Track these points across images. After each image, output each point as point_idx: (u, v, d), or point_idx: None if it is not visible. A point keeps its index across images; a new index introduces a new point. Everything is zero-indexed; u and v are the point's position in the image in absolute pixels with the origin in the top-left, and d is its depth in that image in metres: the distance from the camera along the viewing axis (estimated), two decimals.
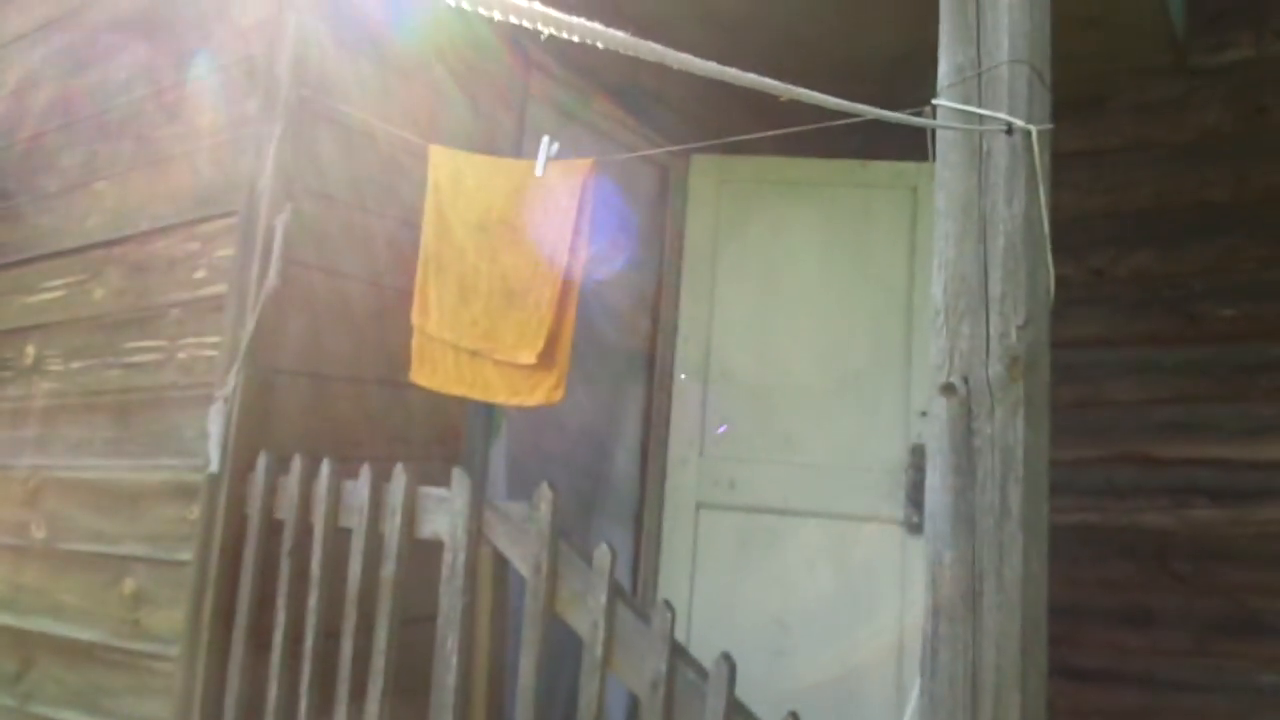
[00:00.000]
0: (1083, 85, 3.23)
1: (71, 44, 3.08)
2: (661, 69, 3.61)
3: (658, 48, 0.75)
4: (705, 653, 1.70)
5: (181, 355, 2.45)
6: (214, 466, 2.25)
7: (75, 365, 2.73)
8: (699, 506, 3.53)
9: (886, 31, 3.20)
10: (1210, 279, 3.21)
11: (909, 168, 3.55)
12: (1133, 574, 3.20)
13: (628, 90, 3.44)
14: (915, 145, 3.14)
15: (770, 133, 2.45)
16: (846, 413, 3.49)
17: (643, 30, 3.29)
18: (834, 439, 3.49)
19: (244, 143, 2.43)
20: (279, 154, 2.34)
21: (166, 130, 2.68)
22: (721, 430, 3.52)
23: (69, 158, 2.96)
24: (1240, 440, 3.08)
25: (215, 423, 2.27)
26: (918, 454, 3.40)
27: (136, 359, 2.57)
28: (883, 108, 2.83)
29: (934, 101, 1.65)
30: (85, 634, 2.47)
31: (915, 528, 3.36)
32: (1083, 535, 3.24)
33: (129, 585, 2.41)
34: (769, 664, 3.37)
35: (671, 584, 3.47)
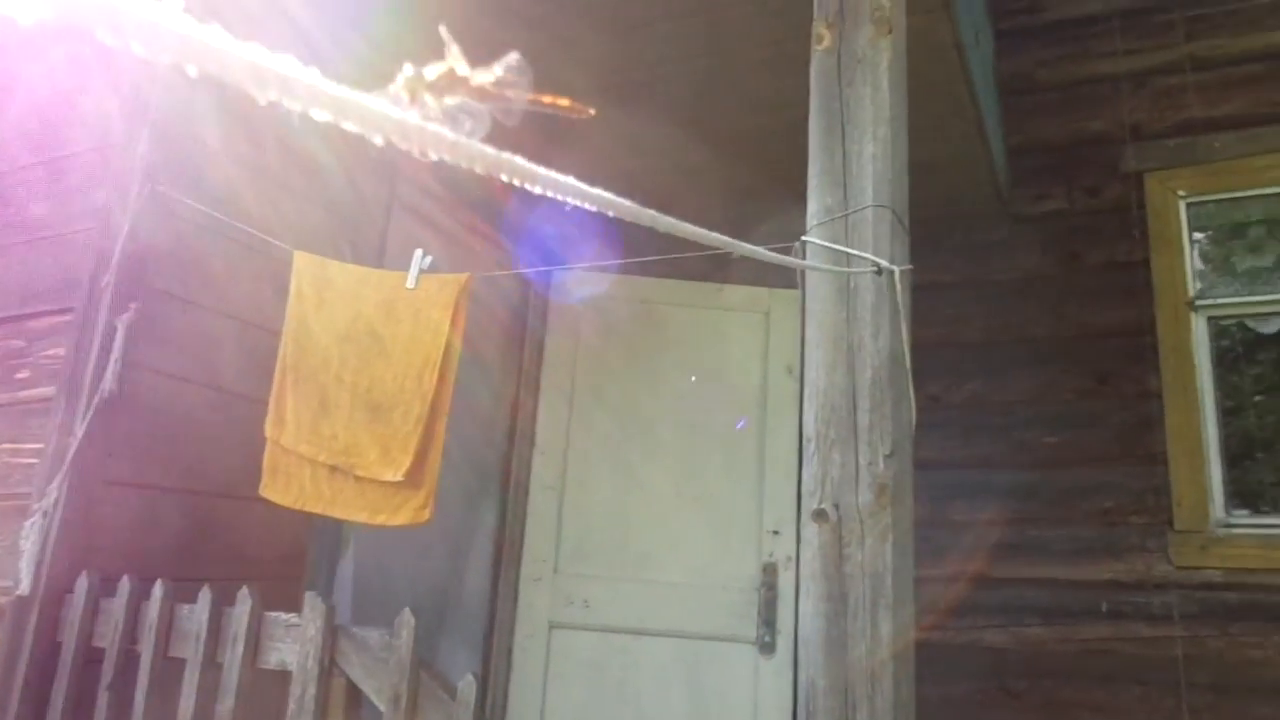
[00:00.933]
0: (920, 227, 3.48)
1: None
2: (522, 196, 3.66)
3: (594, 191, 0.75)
4: None
5: None
6: (24, 587, 2.03)
7: None
8: (552, 626, 3.44)
9: (732, 168, 3.36)
10: (1034, 407, 3.46)
11: (762, 293, 3.71)
12: (972, 692, 3.30)
13: (490, 204, 3.47)
14: (765, 270, 3.28)
15: (630, 260, 2.51)
16: (702, 531, 3.52)
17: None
18: (689, 557, 3.50)
19: (88, 236, 2.29)
20: (126, 250, 2.21)
21: (1, 219, 2.50)
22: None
23: None
24: (1065, 560, 3.27)
25: (30, 538, 2.06)
26: (770, 572, 3.44)
27: None
28: (731, 236, 2.95)
29: (804, 238, 1.74)
30: None
31: (768, 647, 3.38)
32: (927, 654, 3.32)
33: None
34: None
35: (522, 706, 3.34)
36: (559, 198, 1.02)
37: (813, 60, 1.82)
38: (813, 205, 1.74)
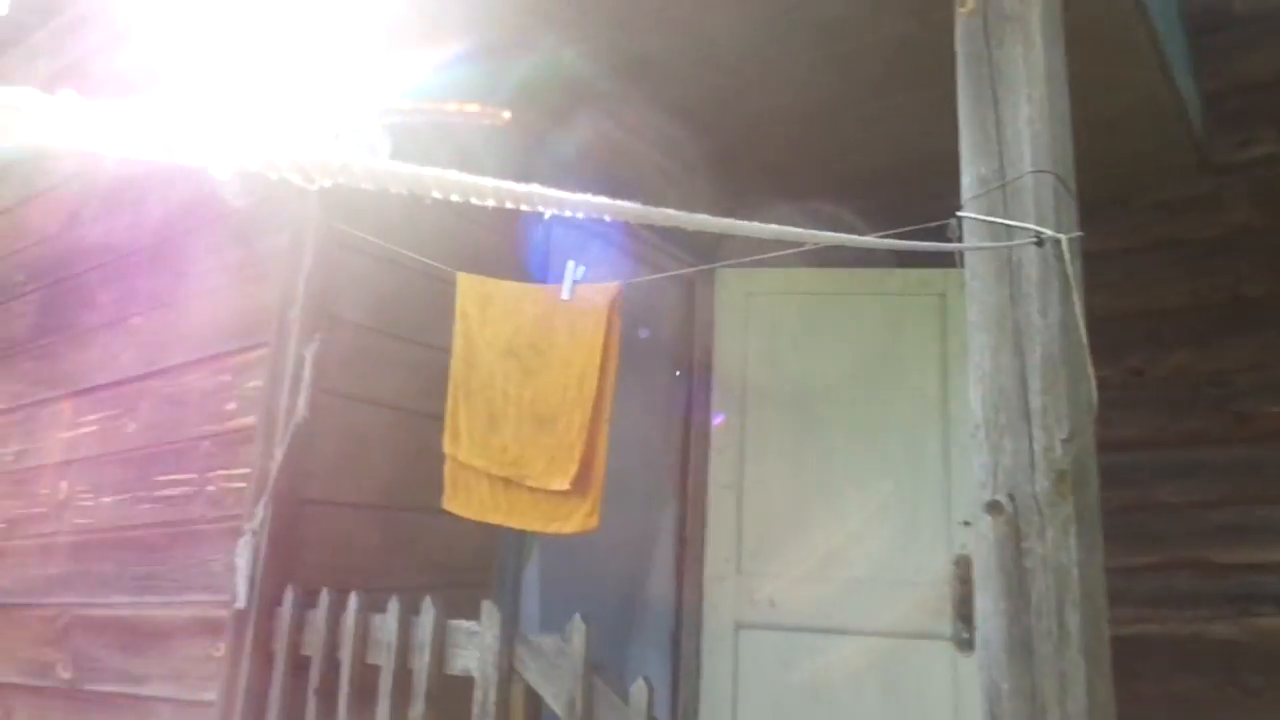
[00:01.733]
0: (1105, 187, 3.23)
1: (111, 185, 3.19)
2: (686, 188, 3.66)
3: (661, 210, 0.75)
4: None
5: (211, 488, 2.44)
6: (241, 602, 2.20)
7: (107, 500, 2.73)
8: (738, 627, 3.41)
9: (900, 142, 3.24)
10: (1253, 375, 3.14)
11: (935, 275, 3.55)
12: (1200, 689, 3.03)
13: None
14: (940, 251, 3.12)
15: (792, 250, 2.44)
16: (886, 525, 3.40)
17: (658, 147, 3.32)
18: (875, 552, 3.39)
19: (275, 275, 2.46)
20: (309, 285, 2.37)
21: (201, 266, 2.73)
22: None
23: (106, 294, 3.02)
24: None
25: (243, 556, 2.24)
26: (963, 565, 3.28)
27: (167, 492, 2.56)
28: (900, 215, 2.83)
29: (959, 214, 1.64)
30: None
31: (965, 644, 3.22)
32: (1142, 648, 3.08)
33: None
34: None
35: (713, 710, 3.33)
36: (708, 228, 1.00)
37: (957, 25, 1.72)
38: (966, 178, 1.65)
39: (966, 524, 3.32)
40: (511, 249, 2.88)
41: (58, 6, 3.37)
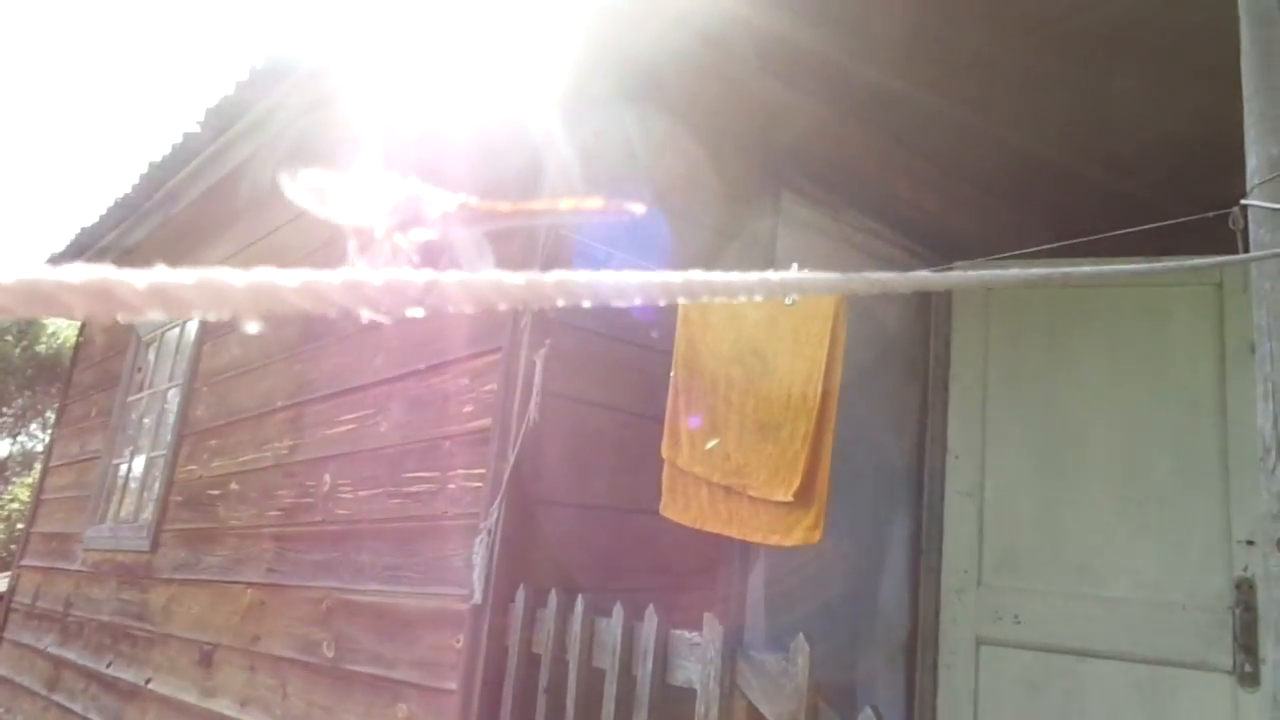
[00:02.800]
0: None
1: None
2: (922, 178, 3.49)
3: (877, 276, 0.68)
4: None
5: (452, 486, 2.57)
6: (477, 597, 2.30)
7: (363, 493, 2.94)
8: (979, 642, 3.20)
9: (1172, 119, 2.91)
10: None
11: (1211, 261, 3.16)
12: None
13: (883, 201, 3.34)
14: (1217, 236, 2.79)
15: (1045, 245, 2.26)
16: (1151, 540, 3.07)
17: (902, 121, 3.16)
18: (1138, 570, 3.07)
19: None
20: None
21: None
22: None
23: None
24: None
25: (479, 553, 2.34)
26: (1245, 590, 2.91)
27: (414, 489, 2.72)
28: (1170, 199, 2.53)
29: (1244, 201, 1.43)
30: None
31: (1248, 679, 2.86)
32: None
33: (402, 710, 2.49)
34: None
35: None
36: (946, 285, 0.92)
37: None
38: (1252, 161, 1.43)
39: (1250, 544, 2.94)
40: (736, 251, 2.84)
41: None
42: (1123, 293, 3.28)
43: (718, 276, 0.54)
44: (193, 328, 4.66)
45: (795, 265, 2.13)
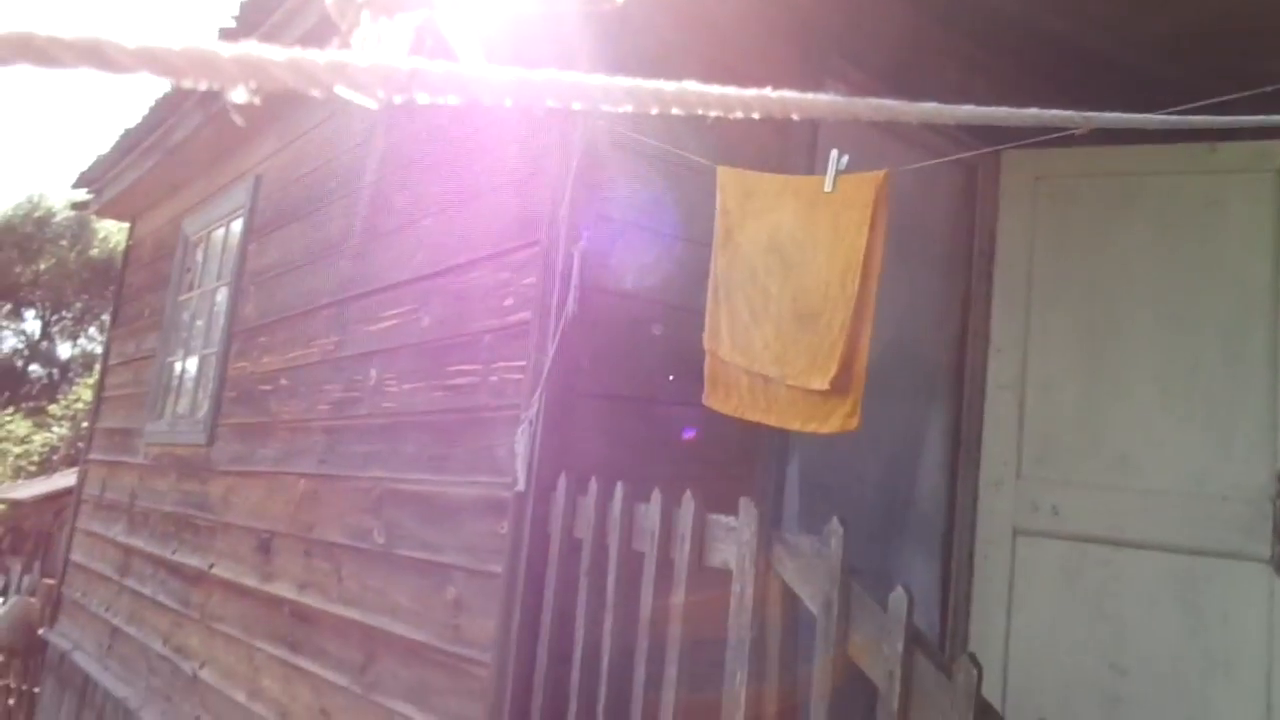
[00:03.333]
0: None
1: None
2: (968, 61, 3.37)
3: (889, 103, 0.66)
4: (1026, 696, 1.52)
5: (493, 379, 2.61)
6: (520, 485, 2.37)
7: (407, 387, 3.01)
8: (1016, 533, 3.24)
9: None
10: None
11: (1273, 147, 3.05)
12: None
13: (929, 87, 3.23)
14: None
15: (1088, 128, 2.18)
16: (1194, 432, 3.05)
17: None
18: (1179, 461, 3.06)
19: (545, 175, 2.54)
20: (575, 185, 2.42)
21: (479, 167, 2.88)
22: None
23: (401, 199, 3.27)
24: None
25: (521, 443, 2.39)
26: None
27: (456, 382, 2.78)
28: (1224, 86, 2.44)
29: None
30: (416, 634, 2.70)
31: None
32: None
33: (450, 592, 2.60)
34: (1103, 713, 3.02)
35: (985, 618, 3.21)
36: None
37: None
38: None
39: None
40: (776, 137, 2.79)
41: None
42: (1175, 180, 3.18)
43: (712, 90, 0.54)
44: (238, 226, 4.72)
45: (834, 151, 2.10)
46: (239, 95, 0.40)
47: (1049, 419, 3.25)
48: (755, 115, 0.51)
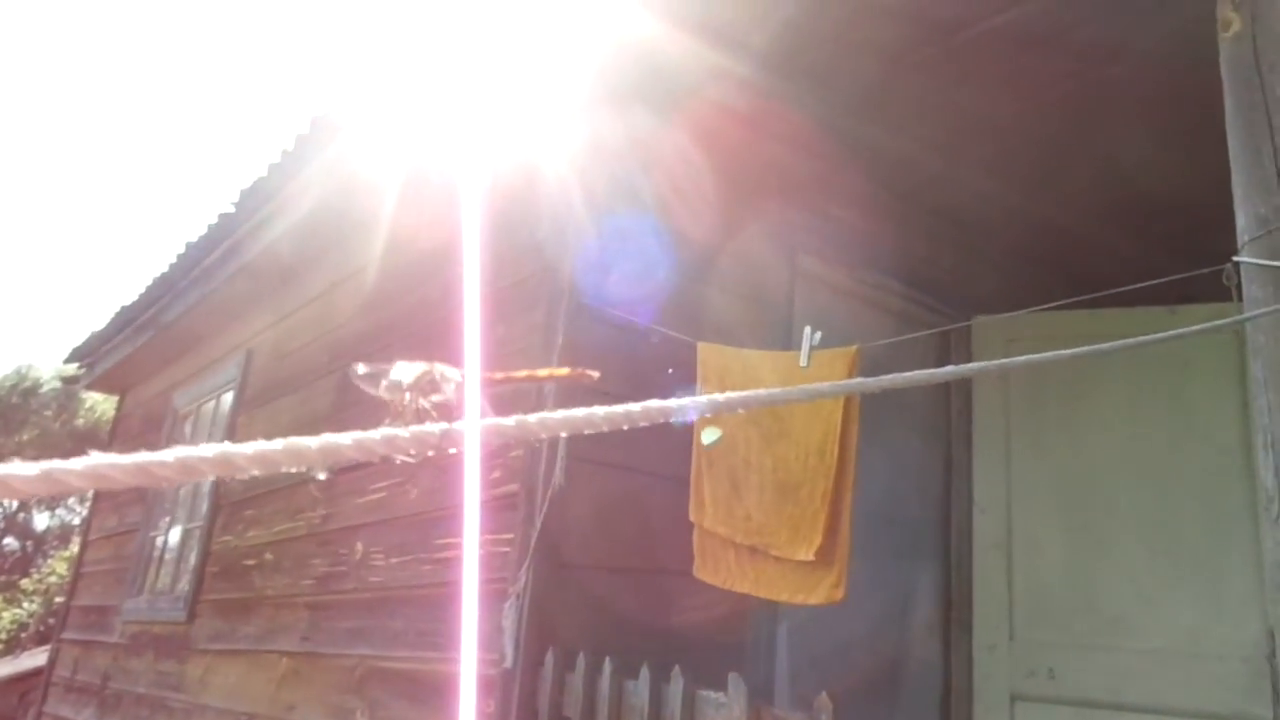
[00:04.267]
0: None
1: (395, 271, 3.55)
2: (935, 235, 3.55)
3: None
4: None
5: (480, 552, 2.61)
6: (508, 661, 2.34)
7: (394, 560, 2.99)
8: (1014, 699, 3.17)
9: (1183, 175, 2.97)
10: None
11: (1229, 309, 3.17)
12: None
13: (900, 259, 3.40)
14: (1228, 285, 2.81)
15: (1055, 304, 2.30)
16: (1184, 591, 3.05)
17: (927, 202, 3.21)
18: (1171, 621, 3.05)
19: (532, 350, 2.63)
20: (561, 359, 2.51)
21: (470, 340, 2.96)
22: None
23: None
24: None
25: (509, 618, 2.38)
26: None
27: (443, 555, 2.77)
28: (1181, 252, 2.58)
29: (1235, 258, 1.48)
30: None
31: None
32: None
33: None
34: None
35: None
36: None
37: (1221, 51, 1.56)
38: (1241, 219, 1.48)
39: None
40: (754, 312, 2.91)
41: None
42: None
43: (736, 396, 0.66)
44: (228, 400, 4.78)
45: (808, 329, 2.20)
46: (320, 474, 0.59)
47: (1039, 578, 3.24)
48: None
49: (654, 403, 0.74)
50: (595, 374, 0.91)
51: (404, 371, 0.80)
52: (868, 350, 2.22)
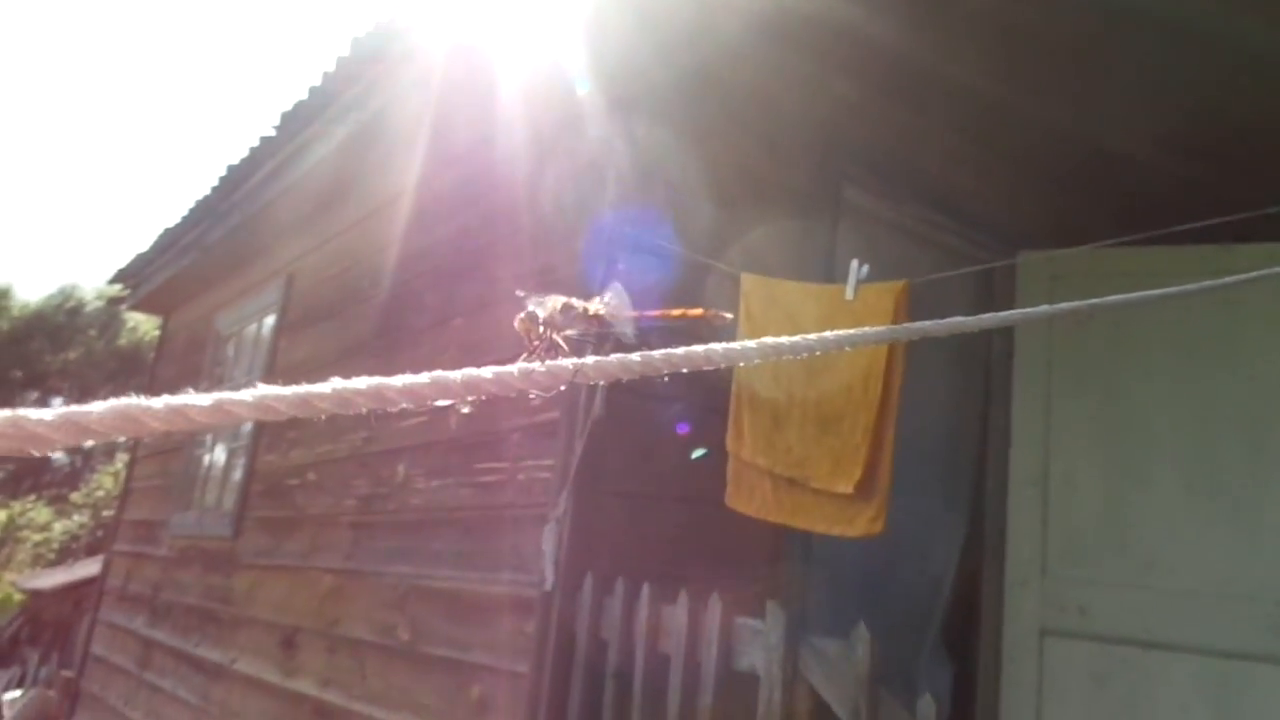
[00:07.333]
0: None
1: (434, 198, 3.55)
2: (981, 166, 3.48)
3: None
4: None
5: (521, 477, 2.66)
6: (549, 584, 2.39)
7: (435, 484, 3.05)
8: (1043, 633, 3.20)
9: (1238, 98, 2.87)
10: None
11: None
12: None
13: (945, 192, 3.34)
14: None
15: (1121, 240, 2.26)
16: (1222, 532, 3.04)
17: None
18: (1207, 562, 3.04)
19: (574, 280, 2.62)
20: (603, 288, 2.50)
21: (509, 269, 2.97)
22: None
23: (433, 298, 3.37)
24: None
25: (549, 542, 2.42)
26: None
27: (484, 479, 2.82)
28: (1244, 185, 2.51)
29: None
30: None
31: None
32: None
33: (475, 691, 2.60)
34: None
35: (1016, 718, 3.16)
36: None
37: None
38: None
39: None
40: (796, 245, 2.88)
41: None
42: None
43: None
44: (269, 323, 4.84)
45: (855, 261, 2.17)
46: (463, 407, 0.62)
47: (1073, 516, 3.24)
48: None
49: (718, 346, 0.73)
50: (728, 316, 0.90)
51: (541, 304, 0.81)
52: (913, 288, 2.19)
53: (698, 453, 2.37)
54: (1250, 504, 3.02)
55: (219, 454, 5.17)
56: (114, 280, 6.71)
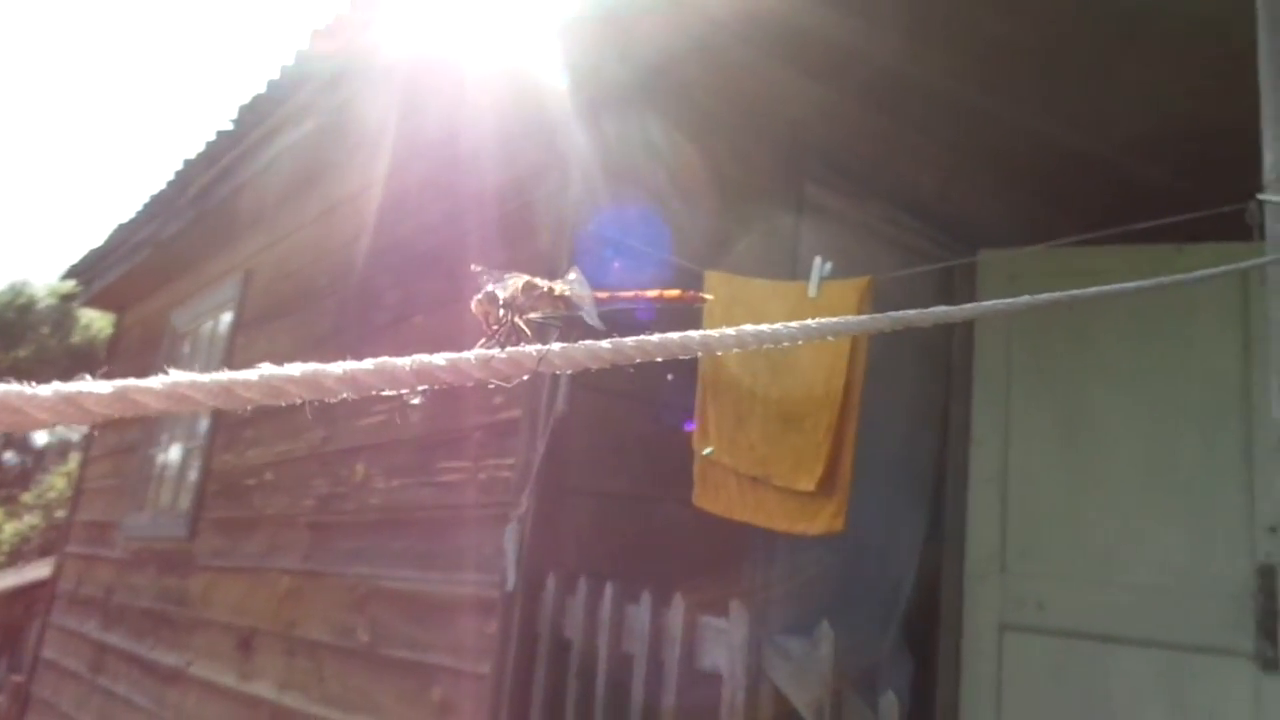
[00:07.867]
0: None
1: (396, 195, 3.50)
2: (945, 167, 3.50)
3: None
4: None
5: (482, 476, 2.63)
6: (510, 584, 2.37)
7: (395, 483, 3.01)
8: (1003, 629, 3.23)
9: (1196, 102, 2.91)
10: None
11: (1236, 250, 3.14)
12: None
13: (911, 192, 3.36)
14: (1241, 224, 2.79)
15: (1074, 239, 2.28)
16: (1175, 528, 3.09)
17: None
18: (1161, 556, 3.09)
19: (537, 276, 2.60)
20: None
21: (468, 267, 2.94)
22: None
23: (393, 295, 3.33)
24: None
25: (510, 541, 2.40)
26: (1268, 576, 2.93)
27: (445, 478, 2.79)
28: (1195, 185, 2.54)
29: (1259, 196, 1.46)
30: None
31: (1270, 664, 2.87)
32: None
33: (436, 693, 2.57)
34: None
35: (975, 711, 3.19)
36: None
37: None
38: (1268, 157, 1.45)
39: (1273, 530, 2.95)
40: (758, 242, 2.88)
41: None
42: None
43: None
44: (226, 320, 4.76)
45: (818, 259, 2.17)
46: (413, 399, 0.56)
47: (1032, 513, 3.28)
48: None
49: (694, 333, 0.73)
50: (708, 297, 0.81)
51: (502, 284, 0.70)
52: (876, 285, 2.20)
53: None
54: (1204, 501, 3.07)
55: (174, 454, 5.07)
56: (67, 276, 6.57)
